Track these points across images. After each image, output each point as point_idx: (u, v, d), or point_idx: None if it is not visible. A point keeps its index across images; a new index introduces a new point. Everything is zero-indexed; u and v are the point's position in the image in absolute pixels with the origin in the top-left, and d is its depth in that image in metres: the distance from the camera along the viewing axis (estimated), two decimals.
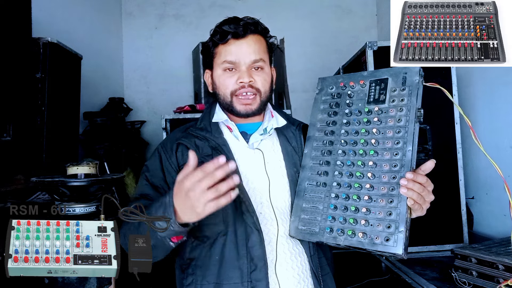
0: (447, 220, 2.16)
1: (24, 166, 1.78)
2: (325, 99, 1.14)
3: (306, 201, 1.07)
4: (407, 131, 0.97)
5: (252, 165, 1.15)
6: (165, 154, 1.17)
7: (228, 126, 1.19)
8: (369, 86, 1.07)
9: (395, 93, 1.03)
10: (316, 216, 1.03)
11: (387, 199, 0.95)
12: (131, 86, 4.11)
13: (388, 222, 0.93)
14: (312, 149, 1.11)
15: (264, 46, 1.19)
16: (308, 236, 1.04)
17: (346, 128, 1.06)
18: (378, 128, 1.01)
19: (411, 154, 0.95)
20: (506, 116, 2.20)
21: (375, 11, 4.25)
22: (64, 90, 2.22)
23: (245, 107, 1.15)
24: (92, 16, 3.50)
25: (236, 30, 1.13)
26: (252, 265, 1.05)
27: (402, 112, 1.00)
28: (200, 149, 1.14)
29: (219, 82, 1.17)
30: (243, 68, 1.14)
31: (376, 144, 1.00)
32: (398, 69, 1.06)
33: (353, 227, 0.97)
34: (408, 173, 0.93)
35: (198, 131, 1.18)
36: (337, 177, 1.03)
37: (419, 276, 1.72)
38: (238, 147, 1.17)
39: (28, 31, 1.83)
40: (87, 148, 2.87)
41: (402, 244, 0.90)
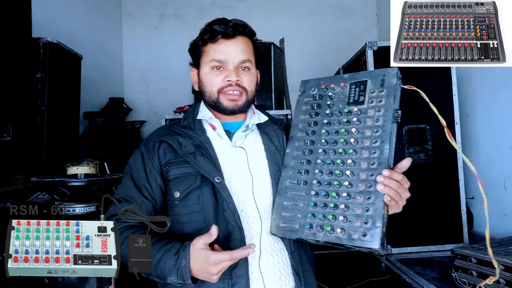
0: (447, 220, 2.16)
1: (24, 166, 1.78)
2: (307, 100, 1.18)
3: (287, 199, 1.09)
4: (384, 130, 1.01)
5: (235, 163, 1.16)
6: (148, 153, 1.17)
7: (212, 124, 1.20)
8: (349, 88, 1.11)
9: (373, 94, 1.06)
10: (296, 213, 1.06)
11: (365, 195, 0.97)
12: (131, 86, 4.11)
13: (365, 218, 0.95)
14: (294, 148, 1.14)
15: (251, 48, 1.21)
16: (288, 233, 1.06)
17: (326, 128, 1.10)
18: (357, 128, 1.05)
19: (388, 152, 0.98)
20: (506, 116, 2.20)
21: (375, 11, 4.26)
22: (64, 90, 2.22)
23: (232, 103, 1.16)
24: (92, 16, 3.50)
25: (226, 30, 1.15)
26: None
27: (380, 113, 1.03)
28: (183, 146, 1.15)
29: (206, 80, 1.19)
30: (230, 67, 1.15)
31: (355, 143, 1.04)
32: (377, 71, 1.09)
33: (332, 223, 1.00)
34: (385, 170, 0.96)
35: (181, 128, 1.19)
36: (317, 175, 1.07)
37: (419, 276, 1.72)
38: (221, 145, 1.18)
39: (28, 31, 1.84)
40: (87, 148, 2.87)
41: (378, 239, 0.92)
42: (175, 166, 1.14)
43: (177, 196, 1.11)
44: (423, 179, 2.13)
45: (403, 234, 2.11)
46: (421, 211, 2.13)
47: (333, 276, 1.88)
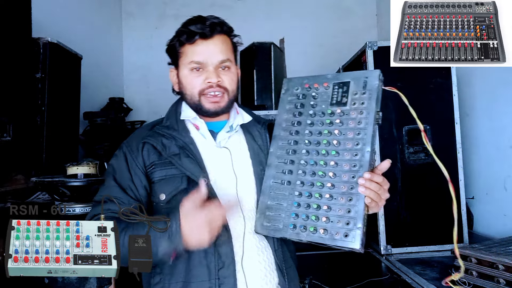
0: (447, 220, 2.16)
1: (24, 166, 1.78)
2: (291, 99, 1.19)
3: (271, 198, 1.11)
4: (366, 133, 1.03)
5: (220, 164, 1.16)
6: (131, 154, 1.16)
7: (195, 124, 1.20)
8: (332, 88, 1.12)
9: (356, 96, 1.07)
10: (280, 213, 1.08)
11: (346, 197, 1.00)
12: (131, 86, 4.11)
13: (347, 219, 0.99)
14: (277, 148, 1.15)
15: (230, 46, 1.20)
16: (272, 232, 1.08)
17: (310, 129, 1.11)
18: (340, 129, 1.07)
19: (369, 155, 1.01)
20: (506, 116, 2.20)
21: (375, 11, 4.25)
22: (64, 90, 2.22)
23: (214, 105, 1.16)
24: (92, 16, 3.50)
25: (203, 31, 1.14)
26: (220, 263, 1.06)
27: (362, 115, 1.05)
28: (167, 148, 1.14)
29: (186, 82, 1.18)
30: (210, 68, 1.15)
31: (337, 145, 1.06)
32: (359, 73, 1.11)
33: (315, 223, 1.02)
34: (366, 173, 0.98)
35: (165, 129, 1.18)
36: (300, 176, 1.08)
37: (419, 276, 1.72)
38: (205, 146, 1.18)
39: (28, 31, 1.83)
40: (87, 148, 2.87)
41: (359, 240, 0.96)
42: (160, 168, 1.13)
43: (163, 199, 1.10)
44: (423, 179, 2.13)
45: (403, 234, 2.12)
46: (421, 211, 2.13)
47: (333, 276, 1.88)
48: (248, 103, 2.88)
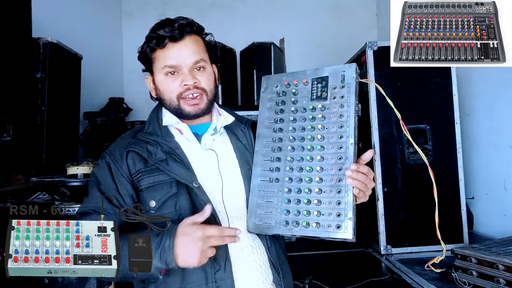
0: (447, 220, 2.16)
1: (24, 166, 1.78)
2: (271, 97, 1.20)
3: (260, 196, 1.12)
4: (348, 125, 1.05)
5: (206, 166, 1.16)
6: (115, 163, 1.14)
7: (178, 128, 1.18)
8: (312, 84, 1.14)
9: (335, 90, 1.10)
10: (271, 210, 1.09)
11: (335, 189, 1.02)
12: (131, 86, 4.10)
13: (338, 211, 1.01)
14: (262, 146, 1.16)
15: (202, 45, 1.19)
16: (265, 230, 1.10)
17: (293, 125, 1.13)
18: (322, 124, 1.09)
19: (354, 146, 1.03)
20: (506, 116, 2.19)
21: (375, 11, 4.25)
22: (64, 90, 2.22)
23: (194, 107, 1.15)
24: (92, 16, 3.50)
25: (172, 34, 1.12)
26: (216, 266, 1.06)
27: (343, 108, 1.07)
28: (153, 154, 1.12)
29: (162, 87, 1.17)
30: (185, 71, 1.14)
31: (321, 139, 1.08)
32: (337, 67, 1.13)
33: (306, 218, 1.04)
34: (353, 164, 1.00)
35: (148, 136, 1.16)
36: (288, 172, 1.10)
37: (419, 276, 1.72)
38: (191, 149, 1.17)
39: (28, 31, 1.83)
40: (87, 148, 2.87)
41: (352, 230, 0.98)
42: (147, 175, 1.11)
43: (153, 206, 1.09)
44: (423, 179, 2.13)
45: (403, 234, 2.11)
46: (421, 211, 2.13)
47: (333, 276, 1.88)
48: (247, 103, 2.89)
